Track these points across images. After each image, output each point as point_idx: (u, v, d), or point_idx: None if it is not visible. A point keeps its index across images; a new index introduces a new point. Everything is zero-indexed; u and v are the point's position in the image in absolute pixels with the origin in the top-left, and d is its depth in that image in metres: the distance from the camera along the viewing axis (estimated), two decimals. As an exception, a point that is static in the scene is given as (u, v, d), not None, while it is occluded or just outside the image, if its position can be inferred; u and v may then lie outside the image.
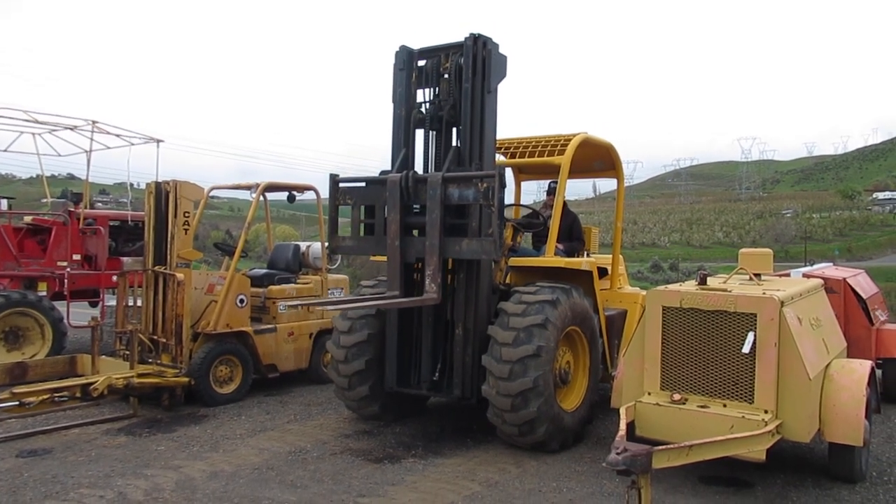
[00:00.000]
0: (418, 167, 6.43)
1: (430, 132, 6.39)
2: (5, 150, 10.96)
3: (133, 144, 11.30)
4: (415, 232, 6.26)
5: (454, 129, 6.36)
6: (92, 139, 10.60)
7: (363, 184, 6.52)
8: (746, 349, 5.04)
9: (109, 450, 6.03)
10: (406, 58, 6.40)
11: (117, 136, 10.95)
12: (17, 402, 6.08)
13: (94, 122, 10.46)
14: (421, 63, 6.42)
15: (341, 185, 6.48)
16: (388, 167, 6.44)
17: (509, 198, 8.67)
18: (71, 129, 10.69)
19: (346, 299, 6.24)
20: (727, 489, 5.28)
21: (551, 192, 7.65)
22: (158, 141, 11.16)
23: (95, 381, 6.51)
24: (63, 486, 5.14)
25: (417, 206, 6.26)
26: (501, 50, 6.21)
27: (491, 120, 6.15)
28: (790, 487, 5.33)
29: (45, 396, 6.24)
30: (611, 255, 8.08)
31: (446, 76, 6.27)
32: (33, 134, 10.94)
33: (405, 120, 6.39)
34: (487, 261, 6.14)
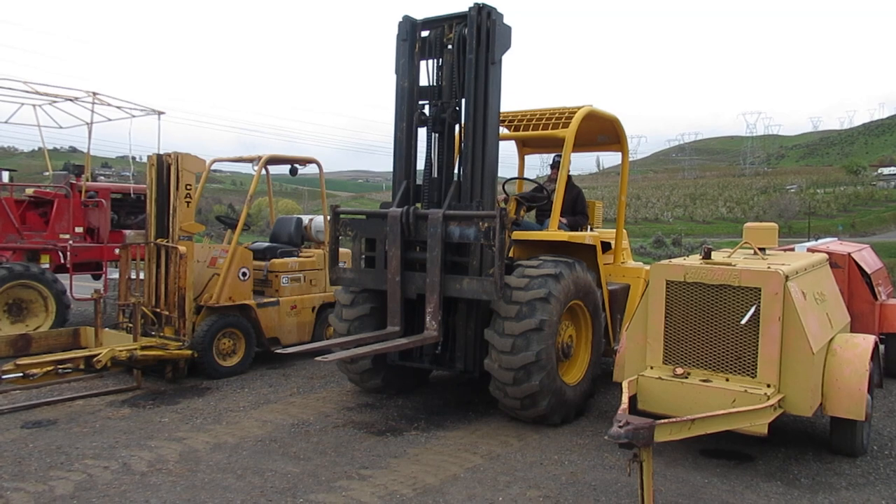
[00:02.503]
0: (421, 152, 6.39)
1: (433, 134, 6.32)
2: (6, 122, 10.93)
3: (134, 116, 11.25)
4: (416, 265, 6.19)
5: (456, 129, 6.30)
6: (93, 111, 10.55)
7: (364, 217, 6.50)
8: (745, 321, 5.03)
9: (113, 421, 6.07)
10: (409, 28, 6.31)
11: (118, 108, 10.89)
12: (21, 374, 6.10)
13: (94, 94, 10.41)
14: (424, 34, 6.34)
15: (342, 216, 6.45)
16: (391, 143, 6.39)
17: (513, 171, 8.64)
18: (72, 100, 10.63)
19: (350, 340, 6.17)
20: (728, 462, 5.30)
21: (556, 165, 7.59)
22: (160, 113, 11.10)
23: (99, 354, 6.53)
24: (68, 457, 5.17)
25: (418, 242, 6.20)
26: (506, 20, 6.12)
27: (495, 92, 6.07)
28: (791, 461, 5.35)
29: (49, 368, 6.27)
30: (614, 230, 8.05)
31: (450, 47, 6.18)
32: (34, 105, 10.90)
33: (408, 92, 6.30)
34: (490, 255, 6.07)
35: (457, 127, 6.31)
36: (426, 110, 6.34)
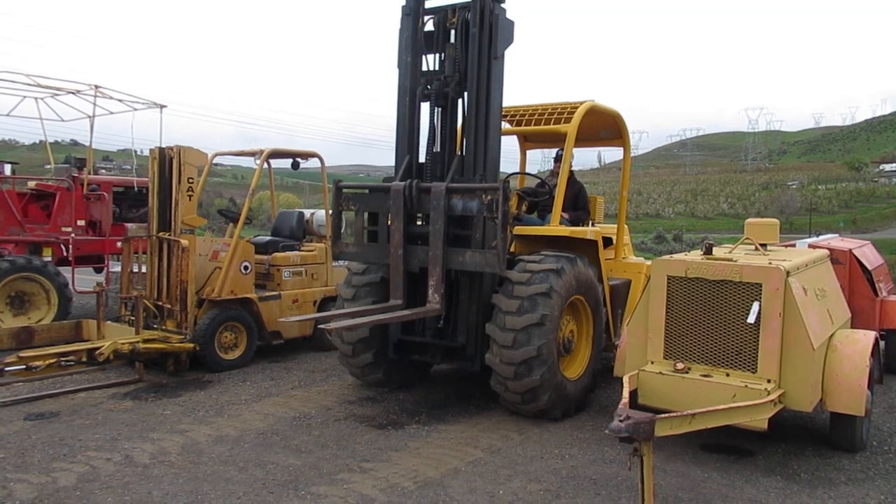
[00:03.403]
0: (424, 131, 6.37)
1: (436, 108, 6.31)
2: (8, 115, 10.94)
3: (136, 110, 11.25)
4: (418, 240, 6.19)
5: (460, 104, 6.30)
6: (95, 104, 10.55)
7: (367, 191, 6.48)
8: (752, 319, 5.03)
9: (116, 414, 6.09)
10: (413, 2, 6.27)
11: (120, 101, 10.89)
12: (24, 366, 6.13)
13: (96, 87, 10.41)
14: (427, 18, 6.31)
15: (345, 191, 6.44)
16: (391, 137, 6.40)
17: (514, 166, 8.64)
18: (74, 93, 10.63)
19: (347, 312, 6.19)
20: (728, 457, 5.32)
21: (559, 159, 7.60)
22: (161, 106, 11.09)
23: (101, 346, 6.55)
24: (70, 449, 5.20)
25: (421, 215, 6.20)
26: (508, 15, 6.12)
27: (497, 87, 6.07)
28: (791, 456, 5.37)
29: (52, 360, 6.29)
30: (615, 225, 8.06)
31: (453, 35, 6.17)
32: (36, 98, 10.90)
33: (411, 67, 6.27)
34: (492, 228, 6.10)
35: (459, 102, 6.28)
36: (429, 86, 6.28)
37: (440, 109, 6.31)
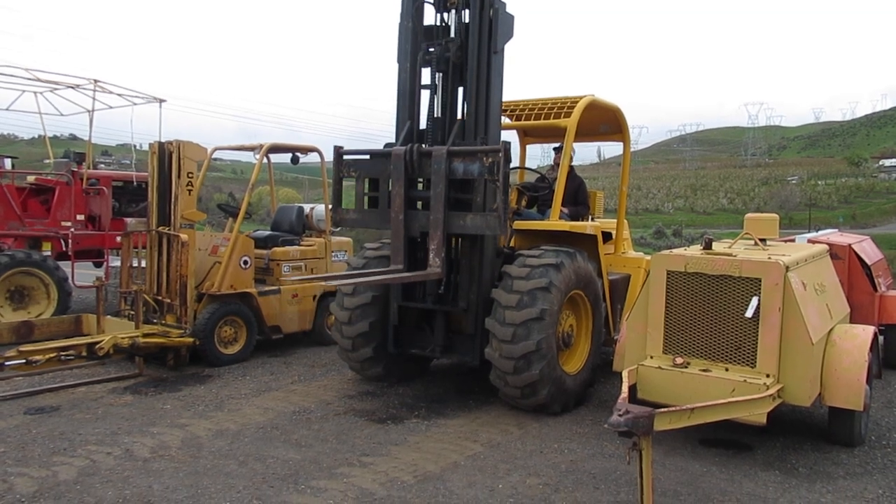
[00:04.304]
0: (424, 116, 6.36)
1: (437, 74, 6.27)
2: (7, 109, 10.93)
3: (135, 104, 11.23)
4: (419, 205, 6.20)
5: (460, 74, 6.25)
6: (94, 98, 10.54)
7: (367, 156, 6.44)
8: (750, 313, 5.04)
9: (116, 408, 6.10)
10: None
11: (119, 95, 10.87)
12: (23, 361, 6.13)
13: (96, 81, 10.39)
14: None
15: (345, 157, 6.42)
16: (390, 133, 6.37)
17: (514, 161, 8.63)
18: (73, 87, 10.61)
19: (349, 274, 6.21)
20: (727, 452, 5.34)
21: (560, 150, 7.59)
22: (161, 101, 11.08)
23: (101, 341, 6.56)
24: (71, 443, 5.21)
25: (422, 180, 6.19)
26: (508, 9, 6.11)
27: (497, 81, 6.06)
28: (789, 450, 5.38)
29: (52, 355, 6.29)
30: (615, 220, 8.06)
31: (452, 30, 6.15)
32: (35, 93, 10.88)
33: (412, 32, 6.22)
34: (493, 191, 6.01)
35: (460, 91, 6.28)
36: (430, 49, 6.23)
37: (441, 74, 6.27)
